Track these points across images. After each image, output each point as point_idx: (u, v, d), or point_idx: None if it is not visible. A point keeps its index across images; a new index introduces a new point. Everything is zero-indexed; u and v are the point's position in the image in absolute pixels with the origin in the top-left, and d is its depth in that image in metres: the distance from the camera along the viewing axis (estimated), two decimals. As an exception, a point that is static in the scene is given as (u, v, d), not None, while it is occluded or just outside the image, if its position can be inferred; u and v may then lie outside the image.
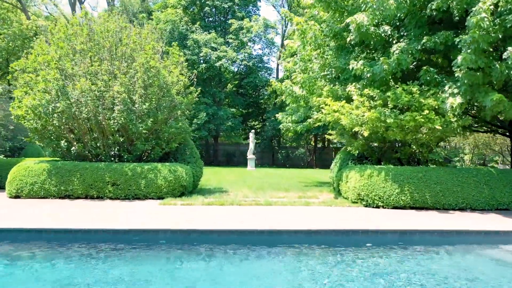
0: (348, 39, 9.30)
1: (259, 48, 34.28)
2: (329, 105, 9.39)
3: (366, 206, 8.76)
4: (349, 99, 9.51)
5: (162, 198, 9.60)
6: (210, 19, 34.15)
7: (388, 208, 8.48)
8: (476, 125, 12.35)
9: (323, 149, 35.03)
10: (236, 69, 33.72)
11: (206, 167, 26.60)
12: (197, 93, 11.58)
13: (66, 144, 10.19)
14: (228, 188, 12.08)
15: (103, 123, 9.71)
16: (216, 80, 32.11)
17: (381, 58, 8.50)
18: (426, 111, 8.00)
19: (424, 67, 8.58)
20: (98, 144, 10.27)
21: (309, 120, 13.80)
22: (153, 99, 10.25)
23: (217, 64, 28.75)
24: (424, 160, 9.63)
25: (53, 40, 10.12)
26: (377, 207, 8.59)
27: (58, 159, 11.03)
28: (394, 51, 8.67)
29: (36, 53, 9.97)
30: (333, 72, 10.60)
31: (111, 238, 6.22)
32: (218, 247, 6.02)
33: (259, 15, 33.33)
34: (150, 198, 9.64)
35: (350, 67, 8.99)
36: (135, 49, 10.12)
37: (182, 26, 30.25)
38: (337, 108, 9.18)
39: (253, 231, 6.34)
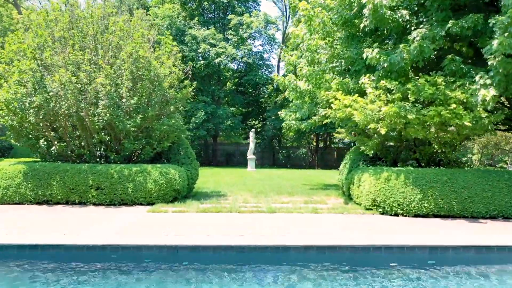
0: (362, 25, 8.25)
1: (260, 45, 33.16)
2: (340, 99, 8.34)
3: (382, 213, 7.72)
4: (362, 93, 8.46)
5: (152, 204, 8.56)
6: (209, 15, 33.10)
7: (408, 216, 7.44)
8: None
9: (325, 149, 34.03)
10: (235, 67, 32.69)
11: (205, 168, 25.55)
12: (192, 87, 10.53)
13: (45, 143, 9.14)
14: (226, 192, 11.04)
15: (86, 119, 8.67)
16: (215, 78, 31.08)
17: (400, 45, 7.45)
18: (453, 105, 6.95)
19: (449, 56, 7.54)
20: (83, 144, 9.23)
21: (314, 117, 12.73)
22: (143, 93, 9.21)
23: (216, 60, 27.67)
24: (446, 161, 8.58)
25: (31, 27, 9.07)
26: (396, 214, 7.55)
27: (39, 160, 9.99)
28: (414, 37, 7.63)
29: (12, 41, 8.93)
30: (342, 63, 9.55)
31: (83, 255, 5.18)
32: (212, 267, 4.98)
33: (259, 11, 32.26)
34: (138, 204, 8.60)
35: (364, 55, 7.94)
36: (122, 37, 9.07)
37: (180, 21, 29.18)
38: (349, 103, 8.14)
39: (254, 247, 5.30)
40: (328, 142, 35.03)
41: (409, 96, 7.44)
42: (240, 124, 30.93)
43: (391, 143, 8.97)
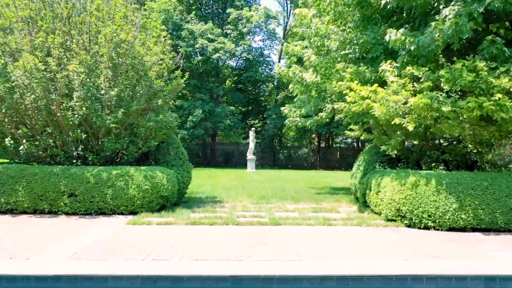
0: (382, 2, 6.99)
1: (260, 40, 31.96)
2: (356, 90, 7.08)
3: (408, 226, 6.46)
4: (381, 83, 7.19)
5: (135, 213, 7.30)
6: (208, 10, 31.84)
7: (442, 229, 6.17)
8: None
9: (327, 149, 32.81)
10: (234, 64, 31.41)
11: (202, 169, 24.27)
12: (184, 79, 9.25)
13: (12, 142, 7.86)
14: (223, 197, 9.77)
15: (58, 114, 7.40)
16: (213, 75, 29.80)
17: (432, 23, 6.20)
18: (498, 95, 5.70)
19: (489, 37, 6.29)
20: (57, 143, 7.96)
21: (320, 114, 11.48)
22: (126, 84, 7.95)
23: (214, 56, 26.41)
24: (482, 164, 7.33)
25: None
26: (426, 227, 6.28)
27: (7, 161, 8.72)
28: (446, 15, 6.35)
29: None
30: (356, 50, 8.27)
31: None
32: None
33: (259, 5, 30.96)
34: (119, 213, 7.33)
35: (387, 37, 6.68)
36: (101, 18, 7.78)
37: (176, 15, 27.91)
38: (366, 94, 6.87)
39: (256, 278, 4.03)
40: (330, 142, 33.79)
41: (442, 84, 6.17)
42: (239, 123, 29.68)
43: (415, 142, 7.70)
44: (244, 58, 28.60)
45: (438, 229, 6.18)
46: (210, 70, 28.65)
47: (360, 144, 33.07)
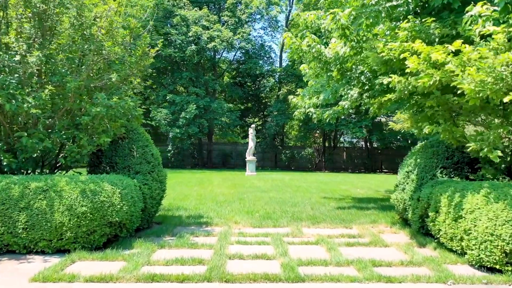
0: None
1: (260, 28, 29.17)
2: (421, 53, 4.31)
3: (529, 283, 3.69)
4: (463, 41, 4.42)
5: (66, 251, 4.53)
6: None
7: None
8: None
9: (333, 149, 30.06)
10: (232, 55, 28.68)
11: (197, 171, 21.50)
12: (156, 49, 6.47)
13: None
14: (213, 216, 6.97)
15: None
16: (208, 67, 27.02)
17: None
18: None
19: None
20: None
21: (341, 103, 8.68)
22: (61, 46, 5.18)
23: (210, 45, 23.63)
24: None
25: None
26: None
27: None
28: None
29: None
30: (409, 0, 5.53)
31: None
32: None
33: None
34: (37, 252, 4.56)
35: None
36: None
37: (168, 0, 25.13)
38: (443, 58, 4.11)
39: None
40: (336, 141, 31.04)
41: None
42: (238, 120, 26.89)
43: (510, 137, 4.91)
44: (243, 48, 25.84)
45: None
46: (205, 62, 25.89)
47: (368, 143, 30.34)
